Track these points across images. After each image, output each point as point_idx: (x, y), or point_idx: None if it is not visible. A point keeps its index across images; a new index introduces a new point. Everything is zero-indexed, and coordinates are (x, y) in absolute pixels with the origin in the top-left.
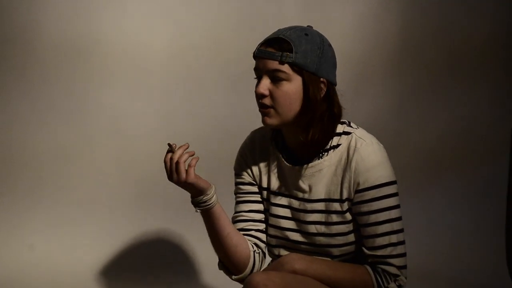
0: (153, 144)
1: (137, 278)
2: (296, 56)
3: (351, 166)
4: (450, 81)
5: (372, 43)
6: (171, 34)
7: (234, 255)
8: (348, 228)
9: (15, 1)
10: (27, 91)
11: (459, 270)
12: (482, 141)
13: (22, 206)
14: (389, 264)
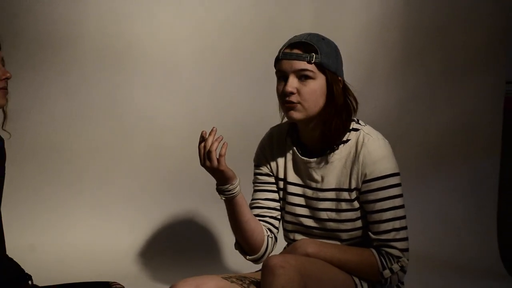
0: (181, 139)
1: (168, 258)
2: (322, 57)
3: (359, 159)
4: (447, 83)
5: (377, 49)
6: (196, 39)
7: (251, 238)
8: (356, 215)
9: (58, 8)
10: (68, 91)
11: (455, 254)
12: (476, 137)
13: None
14: (393, 247)
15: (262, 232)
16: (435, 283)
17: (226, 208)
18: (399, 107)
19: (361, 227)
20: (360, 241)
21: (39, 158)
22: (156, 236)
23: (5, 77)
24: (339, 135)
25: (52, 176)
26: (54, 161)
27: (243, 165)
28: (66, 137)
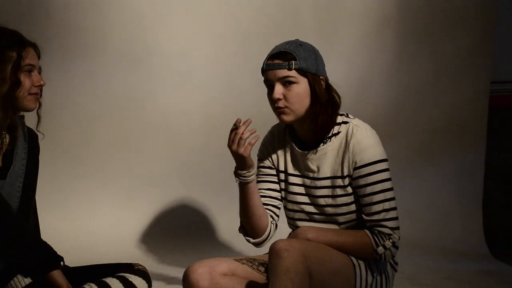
0: (196, 135)
1: (184, 242)
2: (300, 62)
3: (349, 148)
4: (437, 83)
5: (374, 53)
6: (209, 44)
7: (258, 223)
8: (350, 199)
9: (85, 17)
10: (94, 92)
11: (444, 238)
12: (463, 132)
13: (93, 184)
14: (384, 226)
15: (267, 218)
16: (426, 264)
17: (239, 192)
18: (393, 105)
19: (355, 210)
20: (355, 224)
21: (69, 152)
22: (173, 223)
23: (39, 84)
24: (327, 129)
25: (80, 168)
26: (81, 155)
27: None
28: (92, 133)
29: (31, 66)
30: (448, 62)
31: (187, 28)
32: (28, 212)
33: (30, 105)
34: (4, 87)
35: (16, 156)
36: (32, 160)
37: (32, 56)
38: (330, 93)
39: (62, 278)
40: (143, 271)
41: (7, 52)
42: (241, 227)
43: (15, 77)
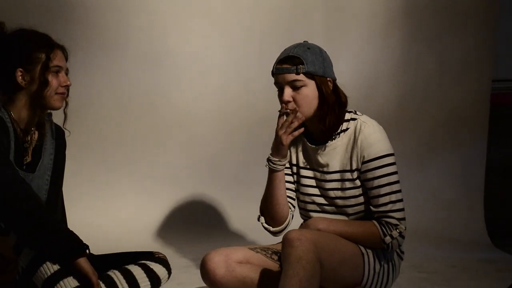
0: (211, 129)
1: (201, 232)
2: (307, 66)
3: (358, 144)
4: (441, 81)
5: (381, 52)
6: (224, 45)
7: (280, 211)
8: (358, 191)
9: (106, 18)
10: (116, 90)
11: (447, 229)
12: (466, 128)
13: (116, 177)
14: (390, 217)
15: (288, 208)
16: (430, 252)
17: (267, 179)
18: (399, 102)
19: (363, 202)
20: (364, 215)
21: (92, 148)
22: (189, 214)
23: (66, 85)
24: (335, 128)
25: (102, 163)
26: (103, 150)
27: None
28: (115, 129)
29: (59, 67)
30: (451, 62)
31: (202, 30)
32: (56, 204)
33: (57, 104)
34: (33, 86)
35: (44, 151)
36: (59, 155)
37: (60, 58)
38: (337, 93)
39: (88, 265)
40: (163, 259)
41: (36, 54)
42: (261, 215)
43: (43, 77)
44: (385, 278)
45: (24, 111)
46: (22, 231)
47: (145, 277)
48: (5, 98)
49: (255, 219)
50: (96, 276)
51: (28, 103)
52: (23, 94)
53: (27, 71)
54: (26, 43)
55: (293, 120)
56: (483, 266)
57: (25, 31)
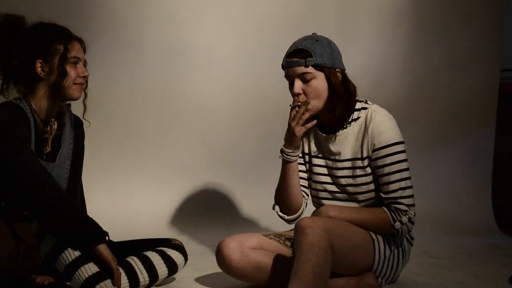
0: (226, 122)
1: (215, 219)
2: (316, 59)
3: (368, 132)
4: (450, 71)
5: (390, 44)
6: (236, 37)
7: (294, 200)
8: (369, 179)
9: (124, 13)
10: (133, 83)
11: (456, 215)
12: (474, 116)
13: (132, 165)
14: (400, 203)
15: (302, 197)
16: (439, 238)
17: (281, 170)
18: (409, 92)
19: (373, 189)
20: (374, 202)
21: (110, 138)
22: (204, 202)
23: (84, 75)
24: (344, 118)
25: (120, 152)
26: (122, 140)
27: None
28: (132, 120)
29: (77, 59)
30: (460, 52)
31: (215, 23)
32: (75, 192)
33: (76, 94)
34: (52, 77)
35: (63, 141)
36: (78, 145)
37: (77, 49)
38: (346, 84)
39: (107, 251)
40: (180, 246)
41: (55, 45)
42: (276, 204)
43: (62, 68)
44: (395, 263)
45: (44, 101)
46: (44, 219)
47: (163, 263)
48: (26, 89)
49: (268, 207)
50: (115, 262)
51: (48, 93)
52: (43, 85)
53: (46, 62)
54: (45, 35)
55: (304, 112)
56: (490, 252)
57: (44, 24)
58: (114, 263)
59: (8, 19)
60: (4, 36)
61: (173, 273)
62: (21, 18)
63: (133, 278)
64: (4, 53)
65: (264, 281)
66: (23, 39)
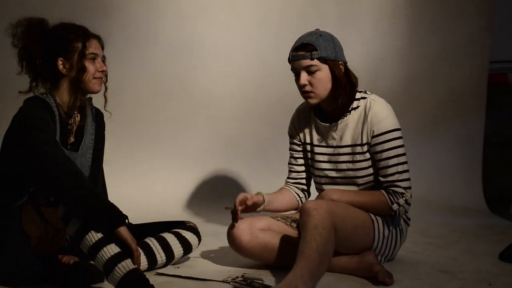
0: (233, 112)
1: (217, 202)
2: (320, 52)
3: (368, 120)
4: (443, 63)
5: (387, 38)
6: (244, 34)
7: (291, 210)
8: (368, 163)
9: (141, 13)
10: (149, 76)
11: (449, 197)
12: (466, 105)
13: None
14: (397, 186)
15: (295, 203)
16: (434, 219)
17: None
18: (405, 82)
19: (372, 173)
20: (373, 185)
21: (129, 128)
22: (215, 187)
23: (102, 70)
24: (347, 106)
25: (138, 141)
26: (139, 129)
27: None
28: (148, 111)
29: (95, 55)
30: (452, 45)
31: (225, 20)
32: (97, 179)
33: (95, 88)
34: (72, 72)
35: (86, 132)
36: (99, 135)
37: (95, 46)
38: (348, 75)
39: (128, 233)
40: (194, 228)
41: (73, 43)
42: None
43: (81, 64)
44: (393, 242)
45: (66, 95)
46: (69, 204)
47: (178, 244)
48: (51, 85)
49: (275, 190)
50: (135, 243)
51: (70, 88)
52: (65, 80)
53: (66, 59)
54: (64, 35)
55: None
56: (481, 231)
57: (64, 24)
58: (133, 244)
59: (31, 22)
60: (29, 37)
61: (188, 252)
62: (43, 21)
63: (151, 258)
64: (29, 53)
65: (272, 260)
66: (46, 39)
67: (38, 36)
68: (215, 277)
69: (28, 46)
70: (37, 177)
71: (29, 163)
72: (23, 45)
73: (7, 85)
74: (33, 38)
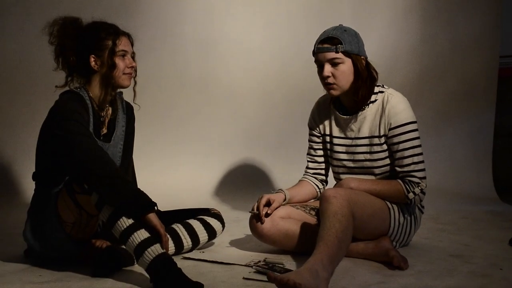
0: (255, 104)
1: (245, 192)
2: (345, 46)
3: (385, 113)
4: (454, 58)
5: (401, 35)
6: (264, 31)
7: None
8: (385, 154)
9: (167, 12)
10: (175, 71)
11: (460, 186)
12: (476, 98)
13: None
14: (413, 176)
15: (315, 195)
16: (446, 206)
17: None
18: (418, 76)
19: (388, 164)
20: (389, 175)
21: (157, 120)
22: (238, 176)
23: (131, 66)
24: (366, 99)
25: (166, 132)
26: (166, 121)
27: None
28: (174, 104)
29: (124, 52)
30: (463, 40)
31: (246, 18)
32: (128, 168)
33: (125, 83)
34: (103, 69)
35: (117, 124)
36: (130, 127)
37: (125, 43)
38: (369, 69)
39: (156, 219)
40: (218, 214)
41: (104, 41)
42: None
43: (111, 60)
44: (408, 229)
45: (98, 90)
46: (101, 191)
47: (203, 230)
48: (84, 80)
49: (294, 178)
50: (163, 228)
51: (101, 83)
52: (97, 76)
53: (98, 57)
54: (96, 33)
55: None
56: (491, 218)
57: (96, 23)
58: (162, 230)
59: (66, 21)
60: (64, 36)
61: (212, 238)
62: (77, 20)
63: (178, 243)
64: (64, 51)
65: (293, 246)
66: (79, 37)
67: (72, 34)
68: (239, 261)
69: (63, 44)
70: (72, 166)
71: (64, 153)
72: (58, 43)
73: (44, 80)
74: (68, 36)
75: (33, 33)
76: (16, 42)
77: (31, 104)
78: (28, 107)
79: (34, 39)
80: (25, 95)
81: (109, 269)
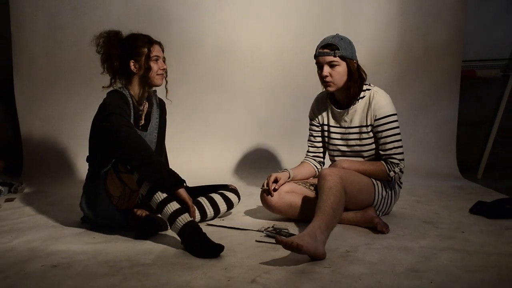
0: (265, 103)
1: (257, 172)
2: (342, 51)
3: (371, 106)
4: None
5: (382, 43)
6: (272, 39)
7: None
8: (371, 141)
9: (191, 24)
10: (196, 74)
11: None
12: (444, 94)
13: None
14: (394, 158)
15: (314, 173)
16: (419, 182)
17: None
18: (396, 77)
19: (374, 148)
20: (374, 157)
21: (184, 112)
22: (252, 157)
23: (163, 68)
24: (356, 95)
25: (192, 122)
26: (192, 114)
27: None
28: (198, 100)
29: (157, 57)
30: (434, 48)
31: (256, 28)
32: (161, 152)
33: (158, 82)
34: (141, 71)
35: (152, 116)
36: (162, 119)
37: (157, 50)
38: (359, 71)
39: (186, 193)
40: (235, 189)
41: (141, 49)
42: None
43: (147, 64)
44: (389, 201)
45: (137, 88)
46: (141, 171)
47: (223, 202)
48: (125, 81)
49: (297, 160)
50: (191, 201)
51: (139, 83)
52: (136, 77)
53: (136, 61)
54: (134, 42)
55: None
56: (455, 191)
57: (134, 34)
58: (190, 202)
59: (110, 34)
60: (108, 46)
61: (230, 209)
62: (119, 32)
63: (202, 212)
64: (109, 58)
65: (296, 215)
66: (121, 46)
67: (115, 45)
68: (252, 227)
69: (108, 52)
70: (117, 151)
71: (111, 140)
72: (104, 52)
73: (93, 82)
74: (112, 46)
75: (86, 44)
76: (74, 52)
77: (84, 101)
78: (82, 103)
79: (87, 49)
80: (79, 94)
81: (148, 233)
